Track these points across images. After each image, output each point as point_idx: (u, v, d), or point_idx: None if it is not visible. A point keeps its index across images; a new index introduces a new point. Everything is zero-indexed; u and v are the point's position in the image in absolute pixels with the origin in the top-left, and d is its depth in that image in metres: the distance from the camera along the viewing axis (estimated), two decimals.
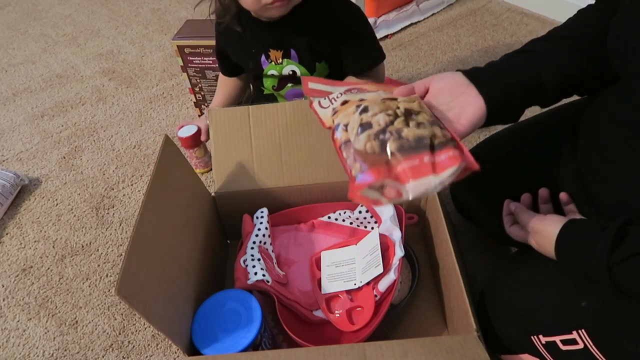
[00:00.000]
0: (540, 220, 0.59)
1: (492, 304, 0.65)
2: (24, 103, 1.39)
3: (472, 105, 0.57)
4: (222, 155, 0.81)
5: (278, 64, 0.87)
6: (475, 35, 1.48)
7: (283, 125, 0.80)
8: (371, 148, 0.53)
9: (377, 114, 0.55)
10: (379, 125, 0.54)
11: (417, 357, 0.53)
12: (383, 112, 0.55)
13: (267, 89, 0.94)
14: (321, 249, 0.82)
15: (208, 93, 1.15)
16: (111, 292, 0.89)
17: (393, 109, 0.56)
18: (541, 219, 0.59)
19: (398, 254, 0.70)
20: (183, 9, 1.80)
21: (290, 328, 0.67)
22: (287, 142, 0.80)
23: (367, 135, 0.54)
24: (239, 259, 0.73)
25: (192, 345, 0.62)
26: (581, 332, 0.55)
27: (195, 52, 1.07)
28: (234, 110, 0.81)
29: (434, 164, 0.51)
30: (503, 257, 0.87)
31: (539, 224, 0.58)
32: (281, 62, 0.87)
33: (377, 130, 0.53)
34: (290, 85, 0.91)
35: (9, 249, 0.99)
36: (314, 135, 0.84)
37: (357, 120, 0.56)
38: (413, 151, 0.51)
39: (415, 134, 0.52)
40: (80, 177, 1.14)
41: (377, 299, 0.71)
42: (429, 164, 0.51)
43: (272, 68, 0.88)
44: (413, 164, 0.51)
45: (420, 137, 0.52)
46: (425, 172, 0.50)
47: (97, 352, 0.81)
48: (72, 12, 1.86)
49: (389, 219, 0.75)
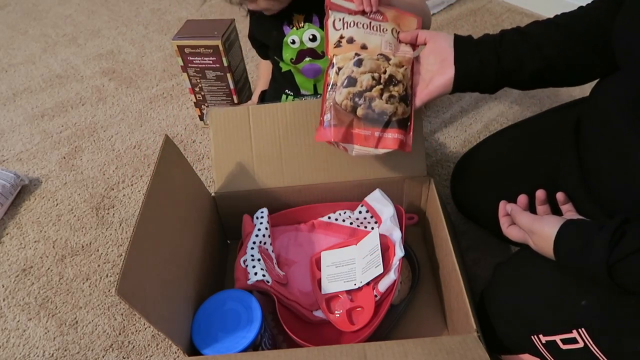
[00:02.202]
0: (537, 221, 0.59)
1: (492, 304, 0.65)
2: (24, 103, 1.39)
3: (443, 74, 0.66)
4: (222, 155, 0.81)
5: (300, 28, 0.90)
6: (476, 36, 1.48)
7: (283, 125, 0.80)
8: (345, 105, 0.68)
9: (365, 73, 0.69)
10: (361, 86, 0.68)
11: (417, 357, 0.53)
12: (370, 74, 0.69)
13: (285, 62, 0.96)
14: (321, 249, 0.82)
15: (208, 93, 1.15)
16: (111, 292, 0.89)
17: (380, 72, 0.69)
18: (538, 220, 0.59)
19: (398, 254, 0.70)
20: (183, 9, 1.81)
21: (290, 328, 0.67)
22: (287, 142, 0.80)
23: (347, 91, 0.68)
24: (239, 259, 0.73)
25: (192, 345, 0.62)
26: (581, 331, 0.55)
27: (196, 52, 1.07)
28: (234, 110, 0.81)
29: (379, 139, 0.67)
30: (503, 257, 0.87)
31: (536, 225, 0.58)
32: (303, 25, 0.90)
33: (357, 92, 0.68)
34: (308, 60, 0.94)
35: (9, 249, 0.99)
36: (314, 136, 0.84)
37: (349, 70, 0.69)
38: (371, 123, 0.67)
39: (381, 108, 0.67)
40: (80, 177, 1.14)
41: (377, 299, 0.71)
42: (376, 138, 0.67)
43: (293, 34, 0.92)
44: (366, 133, 0.67)
45: (383, 112, 0.67)
46: (370, 144, 0.67)
47: (97, 352, 0.81)
48: (72, 12, 1.86)
49: (389, 219, 0.75)
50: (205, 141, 1.20)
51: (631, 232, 0.50)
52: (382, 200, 0.77)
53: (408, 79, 0.70)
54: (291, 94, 1.02)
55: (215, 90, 1.14)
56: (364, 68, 0.69)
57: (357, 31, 0.72)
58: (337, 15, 0.73)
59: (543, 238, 0.57)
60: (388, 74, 0.69)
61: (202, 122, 1.23)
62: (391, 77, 0.69)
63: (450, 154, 1.10)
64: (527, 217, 0.61)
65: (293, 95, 1.02)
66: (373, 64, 0.69)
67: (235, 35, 1.12)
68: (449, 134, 1.16)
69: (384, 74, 0.69)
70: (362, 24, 0.72)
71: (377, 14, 0.73)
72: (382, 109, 0.67)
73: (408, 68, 0.71)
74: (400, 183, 0.80)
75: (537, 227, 0.58)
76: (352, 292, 0.75)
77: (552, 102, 1.22)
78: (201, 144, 1.19)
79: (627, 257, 0.48)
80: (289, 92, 1.02)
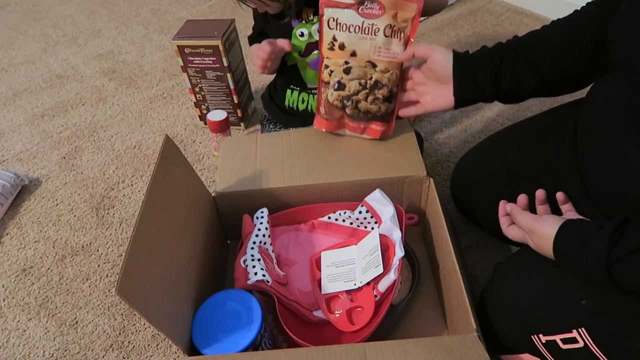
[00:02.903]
0: (537, 221, 0.59)
1: (492, 304, 0.65)
2: (24, 103, 1.40)
3: (443, 100, 0.73)
4: (223, 155, 0.81)
5: (309, 22, 0.92)
6: (476, 36, 1.48)
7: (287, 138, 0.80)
8: (336, 105, 0.82)
9: (353, 80, 0.79)
10: (349, 91, 0.80)
11: (417, 357, 0.53)
12: (357, 80, 0.79)
13: (293, 54, 0.97)
14: (321, 249, 0.82)
15: (208, 93, 1.15)
16: (111, 292, 0.89)
17: (366, 79, 0.79)
18: (538, 220, 0.59)
19: (398, 254, 0.70)
20: (183, 9, 1.81)
21: (290, 328, 0.67)
22: (288, 142, 0.80)
23: (337, 94, 0.81)
24: (238, 259, 0.73)
25: (192, 345, 0.62)
26: (581, 331, 0.55)
27: (196, 52, 1.07)
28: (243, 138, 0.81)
29: (363, 129, 0.83)
30: (503, 257, 0.87)
31: (536, 225, 0.58)
32: (312, 19, 0.92)
33: (345, 95, 0.80)
34: (316, 53, 0.95)
35: (9, 249, 0.99)
36: (315, 136, 0.84)
37: (339, 75, 0.79)
38: (357, 119, 0.82)
39: (366, 108, 0.80)
40: (80, 178, 1.14)
41: (377, 299, 0.71)
42: (361, 128, 0.83)
43: (301, 27, 0.93)
44: (353, 125, 0.83)
45: (367, 111, 0.80)
46: (357, 132, 0.84)
47: (97, 352, 0.81)
48: (72, 13, 1.86)
49: (389, 219, 0.75)
50: (205, 141, 1.20)
51: (630, 232, 0.50)
52: (382, 200, 0.77)
53: (394, 81, 0.79)
54: (297, 89, 1.02)
55: (215, 91, 1.14)
56: (352, 75, 0.79)
57: (349, 37, 0.77)
58: (331, 13, 0.77)
59: (543, 237, 0.57)
60: (374, 80, 0.78)
61: (202, 122, 1.23)
62: (377, 82, 0.79)
63: (450, 154, 1.10)
64: (526, 217, 0.61)
65: (299, 90, 1.02)
66: (360, 72, 0.78)
67: (235, 35, 1.12)
68: (449, 134, 1.16)
69: (370, 79, 0.79)
70: (355, 26, 0.76)
71: (373, 2, 0.74)
72: (367, 108, 0.80)
73: (394, 72, 0.79)
74: (400, 183, 0.80)
75: (536, 227, 0.58)
76: (352, 292, 0.75)
77: (552, 102, 1.22)
78: (201, 144, 1.19)
79: (626, 256, 0.48)
80: (294, 87, 1.02)
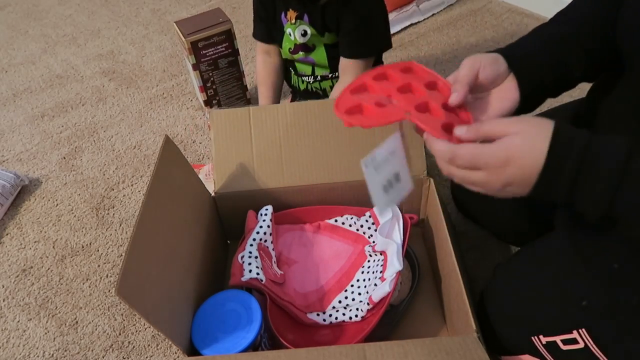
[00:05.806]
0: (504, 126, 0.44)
1: (492, 304, 0.65)
2: (24, 103, 1.39)
3: (507, 100, 0.58)
4: (222, 155, 0.81)
5: (293, 24, 0.95)
6: (476, 36, 1.48)
7: (284, 125, 0.80)
8: None
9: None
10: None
11: (417, 357, 0.52)
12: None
13: (284, 50, 1.02)
14: (323, 252, 0.82)
15: (220, 84, 1.16)
16: (111, 293, 0.89)
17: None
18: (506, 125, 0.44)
19: (395, 266, 0.70)
20: (183, 9, 1.80)
21: (279, 329, 0.66)
22: (287, 142, 0.80)
23: None
24: (237, 255, 0.73)
25: (192, 346, 0.62)
26: (581, 332, 0.55)
27: (209, 43, 1.08)
28: (234, 111, 0.81)
29: None
30: (503, 258, 0.87)
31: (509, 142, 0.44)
32: (295, 22, 0.95)
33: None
34: (301, 53, 0.99)
35: (9, 249, 0.99)
36: (315, 135, 0.84)
37: None
38: None
39: None
40: (80, 178, 1.14)
41: (369, 307, 0.71)
42: None
43: (289, 26, 0.97)
44: None
45: None
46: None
47: (97, 353, 0.81)
48: (72, 13, 1.86)
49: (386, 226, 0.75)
50: (205, 141, 1.20)
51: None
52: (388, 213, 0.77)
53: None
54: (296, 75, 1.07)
55: (226, 79, 1.17)
56: None
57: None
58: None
59: (523, 156, 0.43)
60: None
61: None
62: None
63: None
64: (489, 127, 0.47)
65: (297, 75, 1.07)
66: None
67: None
68: None
69: None
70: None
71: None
72: None
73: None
74: None
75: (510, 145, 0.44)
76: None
77: (552, 102, 1.21)
78: (201, 144, 1.19)
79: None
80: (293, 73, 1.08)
